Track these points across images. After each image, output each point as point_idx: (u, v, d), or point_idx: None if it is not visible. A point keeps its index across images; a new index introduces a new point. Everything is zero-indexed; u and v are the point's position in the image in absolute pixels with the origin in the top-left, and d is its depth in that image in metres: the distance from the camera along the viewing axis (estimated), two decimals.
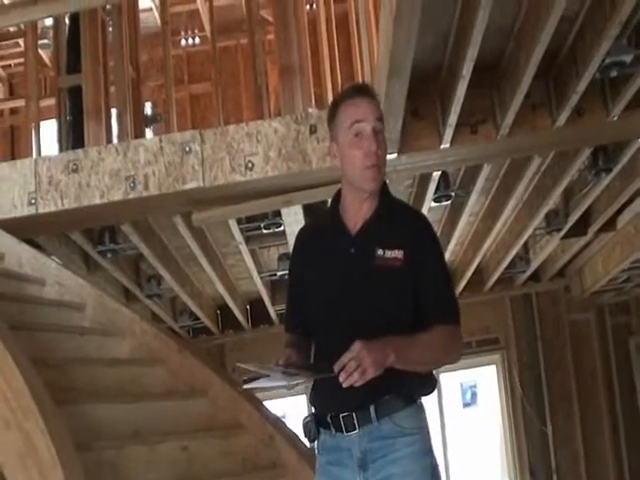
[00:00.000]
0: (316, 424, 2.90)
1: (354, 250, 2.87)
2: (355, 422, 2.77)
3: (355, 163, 2.84)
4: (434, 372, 2.90)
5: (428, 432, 2.86)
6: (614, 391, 9.66)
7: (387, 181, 3.01)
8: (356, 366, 2.48)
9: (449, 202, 6.73)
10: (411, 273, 2.78)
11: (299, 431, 3.88)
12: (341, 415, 2.79)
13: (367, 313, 2.77)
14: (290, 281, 3.16)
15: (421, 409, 2.86)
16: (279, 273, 7.84)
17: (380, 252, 2.81)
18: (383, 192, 2.95)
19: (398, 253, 2.79)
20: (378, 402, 2.75)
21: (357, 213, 2.91)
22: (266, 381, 2.72)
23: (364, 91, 2.92)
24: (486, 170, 5.85)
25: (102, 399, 4.37)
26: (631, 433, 9.56)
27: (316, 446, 2.97)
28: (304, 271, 3.04)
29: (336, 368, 2.52)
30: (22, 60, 7.48)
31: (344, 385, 2.50)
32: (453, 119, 4.89)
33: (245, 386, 2.90)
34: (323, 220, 3.20)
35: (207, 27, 8.10)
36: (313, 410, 2.94)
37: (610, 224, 7.56)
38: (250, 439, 4.51)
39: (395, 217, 2.91)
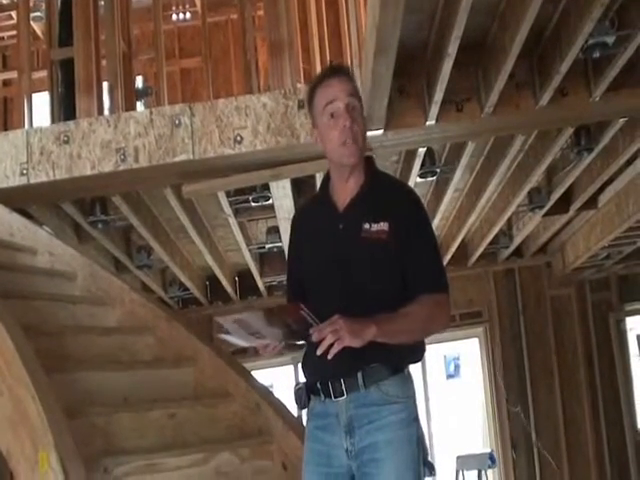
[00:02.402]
0: (307, 391, 2.97)
1: (342, 226, 2.95)
2: (343, 388, 2.84)
3: (333, 141, 2.92)
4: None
5: (414, 401, 2.93)
6: (594, 365, 9.75)
7: (374, 156, 3.09)
8: (332, 334, 2.57)
9: (434, 178, 6.79)
10: (397, 244, 2.84)
11: (286, 400, 3.97)
12: (330, 381, 2.86)
13: (356, 287, 2.84)
14: (288, 261, 3.23)
15: (408, 378, 2.93)
16: (267, 246, 7.93)
17: (367, 226, 2.87)
18: (369, 167, 3.03)
19: (384, 225, 2.85)
20: (365, 369, 2.82)
21: (344, 190, 2.99)
22: (236, 338, 2.81)
23: (335, 71, 3.01)
24: (470, 147, 5.90)
25: (93, 367, 4.41)
26: (610, 406, 9.67)
27: (306, 413, 3.04)
28: (299, 250, 3.14)
29: (314, 337, 2.61)
30: (15, 32, 7.48)
31: (317, 352, 2.60)
32: (439, 97, 4.91)
33: (219, 336, 2.97)
34: (315, 200, 3.27)
35: (198, 2, 8.12)
36: (304, 378, 3.01)
37: (591, 202, 7.63)
38: (237, 407, 4.54)
39: (381, 191, 2.97)
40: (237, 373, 4.66)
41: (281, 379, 9.60)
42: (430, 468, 2.89)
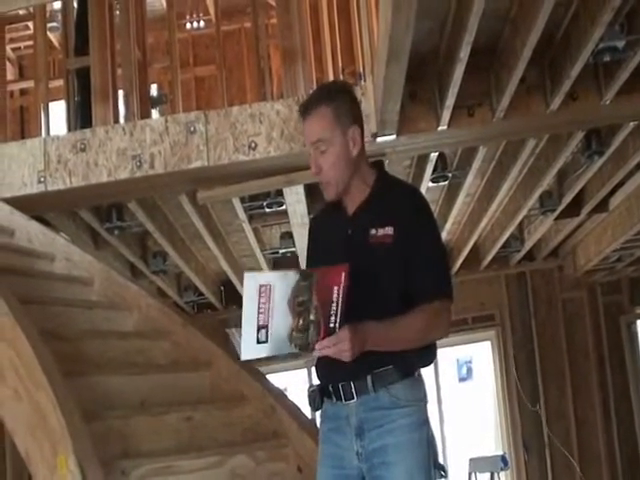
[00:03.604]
0: (320, 394, 2.99)
1: (351, 231, 2.99)
2: (353, 391, 2.86)
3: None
4: (436, 343, 2.96)
5: (425, 404, 2.94)
6: (605, 367, 9.73)
7: (385, 160, 3.13)
8: (335, 348, 2.65)
9: (446, 183, 6.80)
10: (401, 249, 2.87)
11: (300, 403, 4.00)
12: (340, 384, 2.88)
13: (363, 291, 2.80)
14: (306, 265, 3.25)
15: (419, 381, 2.95)
16: (281, 251, 7.96)
17: (373, 231, 2.90)
18: (378, 172, 3.07)
19: (388, 230, 2.88)
20: (375, 373, 2.83)
21: (354, 195, 3.02)
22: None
23: (306, 107, 3.03)
24: (482, 152, 5.92)
25: (110, 371, 4.40)
26: (621, 408, 9.65)
27: (319, 415, 3.06)
28: (314, 254, 3.19)
29: (318, 346, 2.66)
30: (31, 42, 7.54)
31: (314, 354, 2.69)
32: (450, 102, 4.93)
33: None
34: (329, 204, 3.26)
35: (212, 11, 8.16)
36: (317, 380, 3.02)
37: (602, 205, 7.62)
38: (252, 410, 4.52)
39: (387, 195, 2.99)
40: (252, 376, 4.65)
41: (295, 382, 9.62)
42: (441, 470, 2.91)
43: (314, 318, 2.66)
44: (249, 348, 2.73)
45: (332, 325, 2.66)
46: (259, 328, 2.69)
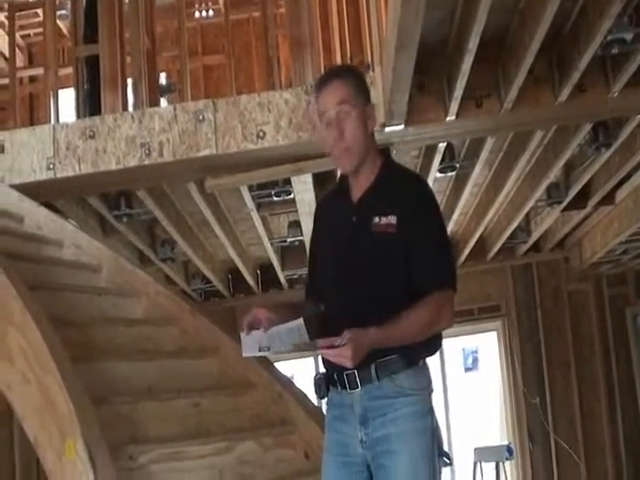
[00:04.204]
0: (326, 382, 3.00)
1: (355, 218, 2.99)
2: (357, 380, 2.87)
3: (331, 150, 3.00)
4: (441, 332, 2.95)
5: (430, 393, 2.95)
6: (610, 359, 9.76)
7: (392, 149, 3.14)
8: (337, 355, 2.65)
9: (454, 173, 6.83)
10: (404, 238, 2.87)
11: (307, 390, 4.02)
12: (345, 373, 2.88)
13: (364, 280, 2.86)
14: (309, 251, 3.28)
15: (423, 370, 2.96)
16: (289, 239, 7.97)
17: (376, 220, 2.90)
18: (384, 160, 3.06)
19: (392, 219, 2.88)
20: (378, 362, 2.83)
21: (359, 183, 3.02)
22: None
23: (326, 77, 3.05)
24: (490, 143, 5.93)
25: (118, 357, 4.43)
26: (626, 399, 9.67)
27: (325, 403, 3.08)
28: (318, 241, 3.20)
29: (320, 343, 2.67)
30: (41, 30, 7.56)
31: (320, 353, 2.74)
32: (459, 93, 4.94)
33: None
34: (335, 191, 3.28)
35: (220, 0, 8.18)
36: (324, 368, 3.03)
37: (609, 198, 7.64)
38: (259, 397, 4.55)
39: (392, 184, 2.99)
40: (259, 364, 4.65)
41: (302, 370, 9.66)
42: (446, 458, 2.92)
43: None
44: (250, 349, 2.89)
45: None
46: (261, 349, 2.84)
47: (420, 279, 2.86)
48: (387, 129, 5.23)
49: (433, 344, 2.96)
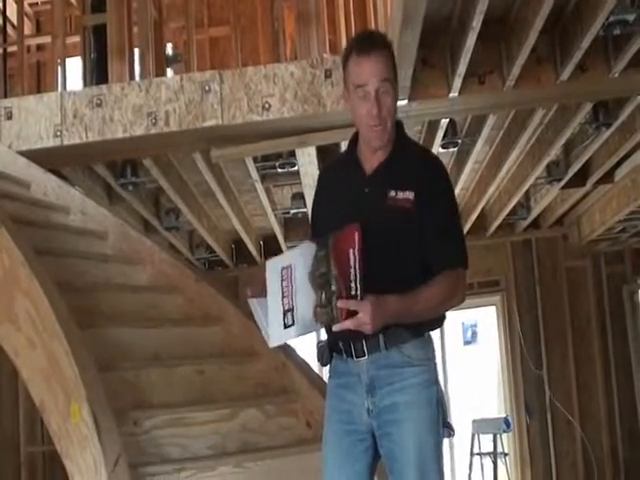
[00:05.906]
0: (329, 349, 2.98)
1: (368, 190, 2.94)
2: (365, 349, 2.86)
3: (362, 121, 2.93)
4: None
5: (435, 364, 2.96)
6: (607, 335, 9.82)
7: (404, 123, 3.15)
8: (356, 321, 2.63)
9: (456, 149, 6.87)
10: (420, 214, 2.84)
11: (310, 359, 4.05)
12: (352, 341, 2.87)
13: (377, 252, 2.74)
14: (311, 219, 3.24)
15: (429, 341, 2.95)
16: (292, 211, 8.02)
17: (392, 193, 2.87)
18: (398, 133, 3.01)
19: (409, 194, 2.85)
20: (387, 332, 2.80)
21: (373, 154, 2.98)
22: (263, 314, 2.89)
23: (368, 48, 2.90)
24: (492, 120, 5.96)
25: (124, 323, 4.44)
26: (622, 374, 9.74)
27: (328, 370, 3.06)
28: (323, 209, 3.15)
29: (340, 304, 2.62)
30: None
31: (334, 328, 2.67)
32: (462, 69, 4.98)
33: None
34: (342, 159, 3.28)
35: None
36: (327, 336, 3.00)
37: (608, 176, 7.67)
38: (263, 365, 4.54)
39: (408, 159, 2.96)
40: None
41: (305, 340, 9.70)
42: (449, 429, 2.94)
43: (335, 289, 2.64)
44: (277, 334, 2.81)
45: (353, 293, 2.62)
46: (285, 312, 2.75)
47: (434, 257, 2.86)
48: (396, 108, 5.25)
49: (439, 319, 3.00)
